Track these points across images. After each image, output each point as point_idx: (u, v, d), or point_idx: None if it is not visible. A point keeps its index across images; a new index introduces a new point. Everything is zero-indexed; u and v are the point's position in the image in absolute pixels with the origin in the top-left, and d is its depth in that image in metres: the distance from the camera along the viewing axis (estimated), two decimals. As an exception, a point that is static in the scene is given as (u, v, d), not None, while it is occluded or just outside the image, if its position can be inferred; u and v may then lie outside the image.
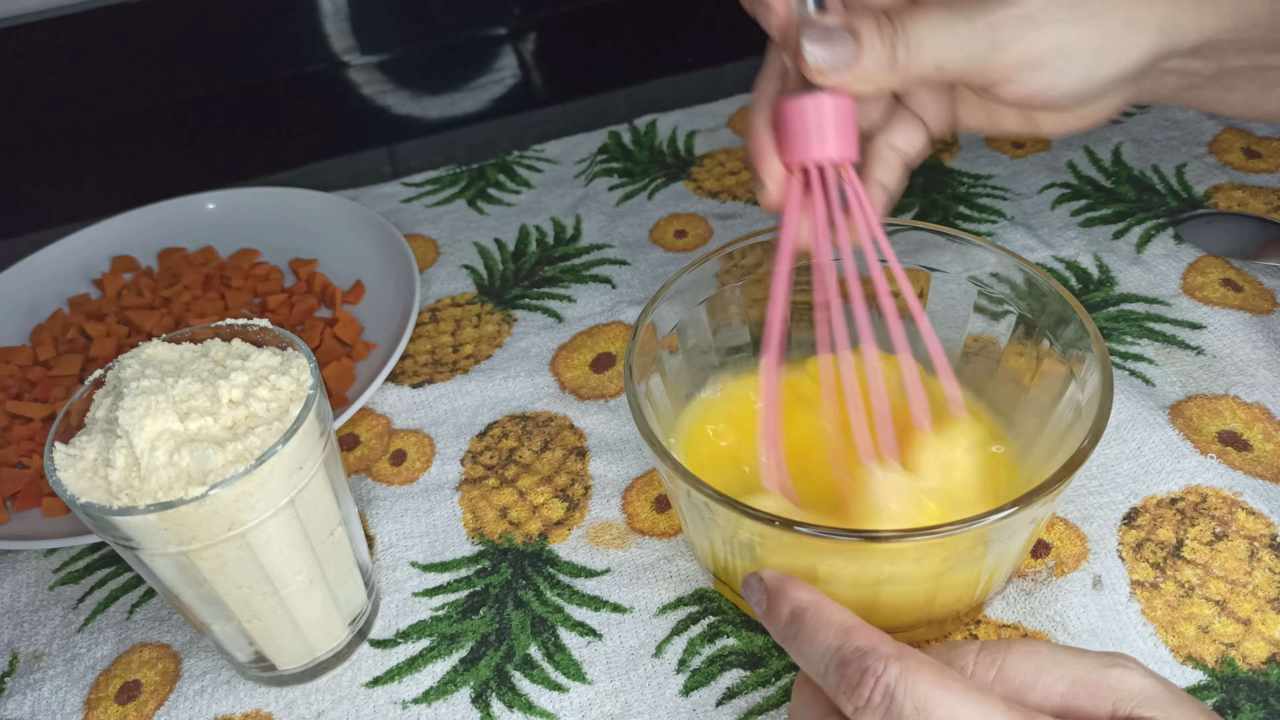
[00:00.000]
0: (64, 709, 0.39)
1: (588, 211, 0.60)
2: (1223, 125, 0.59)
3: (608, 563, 0.41)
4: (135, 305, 0.55)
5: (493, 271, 0.57)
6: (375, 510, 0.45)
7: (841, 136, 0.34)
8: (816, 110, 0.34)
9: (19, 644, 0.42)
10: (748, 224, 0.58)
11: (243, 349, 0.35)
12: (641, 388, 0.37)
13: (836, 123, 0.34)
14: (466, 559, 0.42)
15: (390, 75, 0.78)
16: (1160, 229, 0.53)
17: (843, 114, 0.34)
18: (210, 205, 0.62)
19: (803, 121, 0.34)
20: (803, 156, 0.34)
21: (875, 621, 0.35)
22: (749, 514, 0.31)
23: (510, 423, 0.48)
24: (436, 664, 0.39)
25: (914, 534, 0.31)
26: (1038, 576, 0.38)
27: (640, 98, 0.72)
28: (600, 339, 0.52)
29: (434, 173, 0.66)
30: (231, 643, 0.37)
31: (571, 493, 0.44)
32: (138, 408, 0.31)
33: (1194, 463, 0.41)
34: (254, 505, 0.32)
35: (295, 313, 0.54)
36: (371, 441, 0.48)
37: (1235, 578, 0.38)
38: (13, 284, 0.58)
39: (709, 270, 0.41)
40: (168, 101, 0.73)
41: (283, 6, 0.73)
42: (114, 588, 0.43)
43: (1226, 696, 0.35)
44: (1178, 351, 0.46)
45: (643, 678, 0.37)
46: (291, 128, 0.76)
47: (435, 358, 0.52)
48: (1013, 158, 0.60)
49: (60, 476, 0.32)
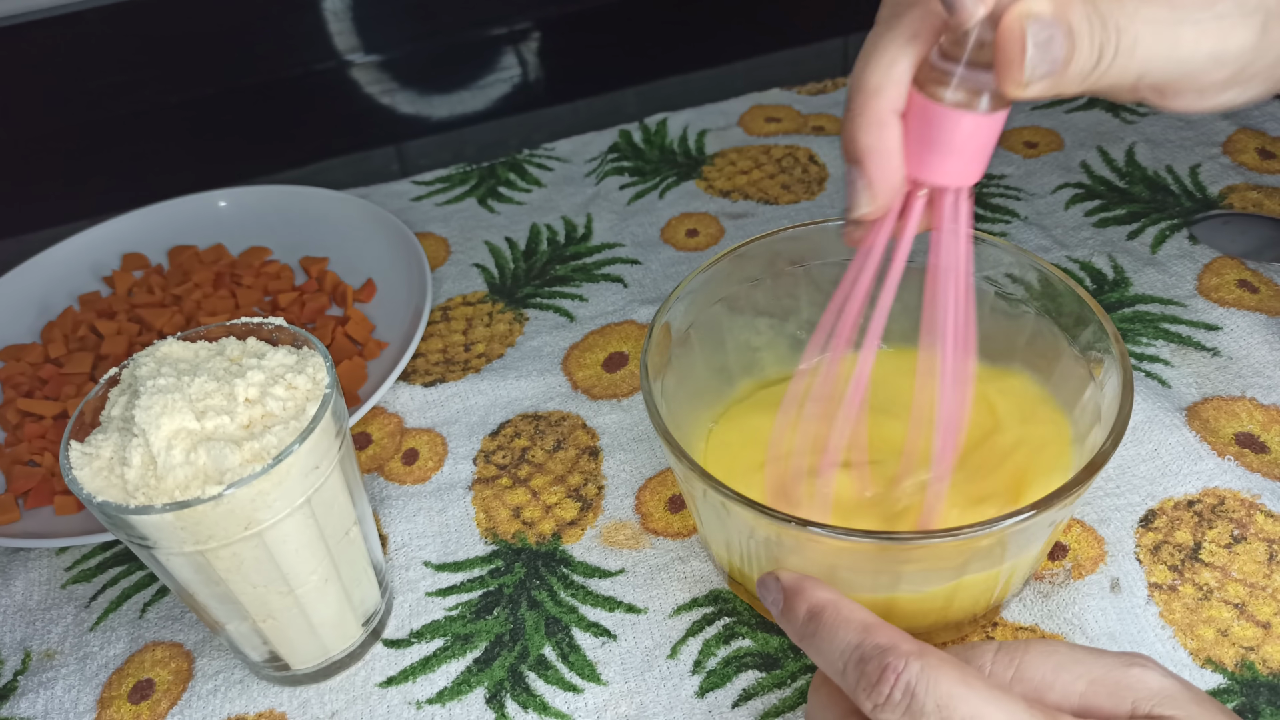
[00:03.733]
0: (77, 708, 0.39)
1: (599, 210, 0.60)
2: (1237, 125, 0.59)
3: (622, 563, 0.41)
4: (146, 303, 0.55)
5: (504, 270, 0.57)
6: (388, 509, 0.44)
7: (987, 158, 0.29)
8: (985, 129, 0.27)
9: (31, 642, 0.42)
10: (760, 223, 0.58)
11: (258, 347, 0.35)
12: (657, 386, 0.37)
13: (990, 143, 0.28)
14: (480, 559, 0.42)
15: (399, 73, 0.77)
16: (1175, 230, 0.53)
17: (998, 131, 0.28)
18: (221, 203, 0.62)
19: (957, 137, 0.27)
20: (941, 178, 0.28)
21: (893, 623, 0.35)
22: (767, 514, 0.31)
23: (523, 422, 0.48)
24: (450, 664, 0.39)
25: (932, 536, 0.30)
26: (1055, 579, 0.38)
27: (651, 96, 0.72)
28: (612, 338, 0.51)
29: (444, 171, 0.65)
30: (246, 642, 0.37)
31: (585, 493, 0.44)
32: (154, 406, 0.31)
33: (1211, 465, 0.41)
34: (271, 504, 0.32)
35: (306, 311, 0.54)
36: (384, 440, 0.48)
37: (1254, 581, 0.37)
38: (23, 281, 0.58)
39: (724, 269, 0.40)
40: (178, 99, 0.73)
41: (293, 4, 0.73)
42: (126, 586, 0.43)
43: (1246, 700, 0.34)
44: (1194, 353, 0.46)
45: (658, 679, 0.37)
46: (301, 126, 0.76)
47: (447, 357, 0.52)
48: (1025, 157, 0.59)
49: (76, 475, 0.32)
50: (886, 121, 0.28)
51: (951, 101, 0.27)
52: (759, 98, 0.68)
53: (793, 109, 0.67)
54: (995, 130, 0.28)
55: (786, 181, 0.60)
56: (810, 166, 0.61)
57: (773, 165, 0.62)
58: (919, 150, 0.28)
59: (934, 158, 0.28)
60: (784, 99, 0.68)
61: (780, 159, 0.62)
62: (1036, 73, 0.26)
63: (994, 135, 0.28)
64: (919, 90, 0.28)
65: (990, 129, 0.28)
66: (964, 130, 0.27)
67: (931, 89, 0.27)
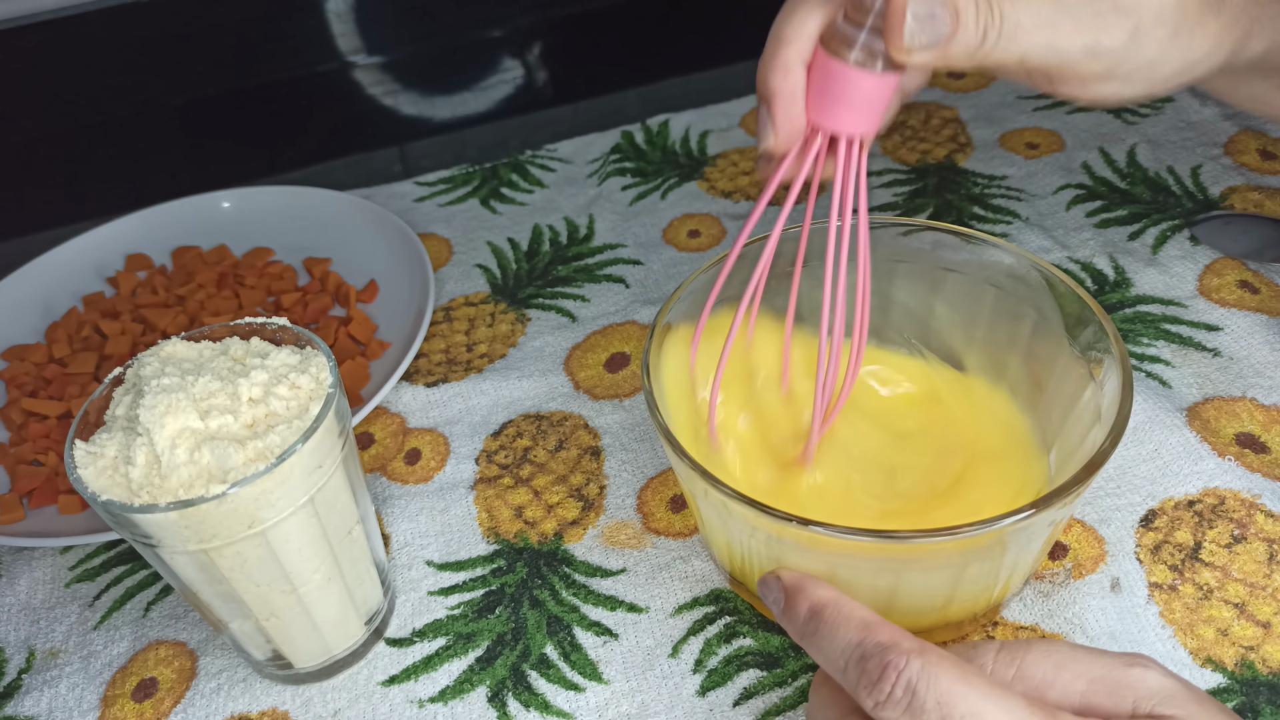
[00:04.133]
0: (80, 706, 0.39)
1: (601, 211, 0.60)
2: (1239, 126, 0.59)
3: (623, 562, 0.41)
4: (150, 303, 0.55)
5: (506, 271, 0.57)
6: (390, 509, 0.45)
7: (881, 114, 0.32)
8: (877, 88, 0.31)
9: (35, 641, 0.42)
10: (761, 224, 0.58)
11: (261, 347, 0.35)
12: (659, 386, 0.37)
13: (883, 101, 0.32)
14: (482, 558, 0.42)
15: (401, 74, 0.78)
16: (1176, 230, 0.53)
17: (891, 92, 0.32)
18: (224, 204, 0.62)
19: (851, 91, 0.31)
20: (835, 125, 0.32)
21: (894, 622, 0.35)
22: (768, 513, 0.31)
23: (525, 422, 0.48)
24: (452, 663, 0.39)
25: (932, 534, 0.31)
26: (1055, 579, 0.38)
27: (652, 97, 0.72)
28: (614, 338, 0.52)
29: (447, 172, 0.66)
30: (249, 641, 0.37)
31: (586, 492, 0.44)
32: (158, 405, 0.31)
33: (1212, 465, 0.41)
34: (274, 503, 0.32)
35: (309, 311, 0.54)
36: (386, 440, 0.48)
37: (1254, 580, 0.37)
38: (28, 282, 0.58)
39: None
40: (181, 100, 0.74)
41: (295, 6, 0.74)
42: (130, 585, 0.43)
43: (1247, 699, 0.34)
44: (1194, 353, 0.46)
45: (659, 678, 0.37)
46: (304, 127, 0.76)
47: (449, 357, 0.52)
48: (1027, 158, 0.60)
49: (81, 474, 0.32)
50: (792, 69, 0.32)
51: (849, 60, 0.31)
52: (760, 99, 0.68)
53: (794, 110, 0.67)
54: (886, 90, 0.32)
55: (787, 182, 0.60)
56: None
57: (774, 166, 0.62)
58: (819, 99, 0.32)
59: (830, 107, 0.32)
60: (786, 100, 0.68)
61: (782, 160, 0.62)
62: (917, 41, 0.30)
63: (885, 94, 0.32)
64: (824, 47, 0.32)
65: (881, 88, 0.32)
66: (857, 85, 0.31)
67: (834, 46, 0.32)
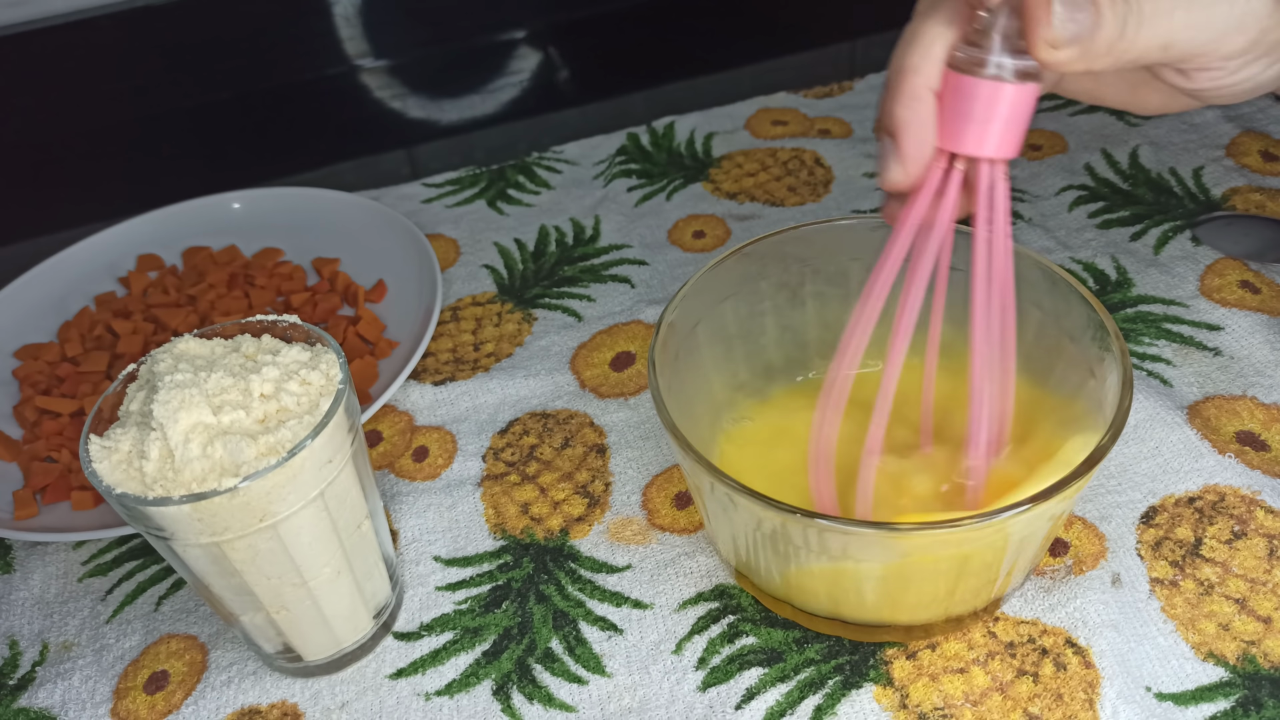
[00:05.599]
0: (93, 698, 0.40)
1: (607, 212, 0.61)
2: (1240, 128, 0.59)
3: (628, 559, 0.42)
4: (161, 303, 0.56)
5: (513, 271, 0.58)
6: (399, 505, 0.45)
7: (1024, 129, 0.29)
8: (1020, 100, 0.29)
9: (49, 634, 0.42)
10: (766, 225, 0.58)
11: (273, 344, 0.36)
12: (665, 382, 0.37)
13: (1027, 114, 0.29)
14: (489, 554, 0.43)
15: (409, 78, 0.78)
16: (1178, 231, 0.53)
17: (1034, 103, 0.29)
18: (235, 205, 0.63)
19: (995, 107, 0.29)
20: (977, 148, 0.29)
21: (896, 616, 0.36)
22: (773, 506, 0.32)
23: (531, 420, 0.48)
24: (459, 657, 0.39)
25: (932, 526, 0.31)
26: (1056, 574, 0.39)
27: (658, 100, 0.73)
28: (620, 338, 0.52)
29: (454, 174, 0.66)
30: (259, 634, 0.37)
31: (592, 489, 0.45)
32: (172, 401, 0.32)
33: (1212, 462, 0.41)
34: (285, 497, 0.32)
35: (319, 311, 0.55)
36: (394, 438, 0.48)
37: (1255, 576, 0.38)
38: (41, 282, 0.59)
39: (730, 267, 0.41)
40: (192, 103, 0.74)
41: (306, 10, 0.74)
42: (141, 580, 0.44)
43: (1249, 693, 0.35)
44: (1195, 353, 0.46)
45: (661, 673, 0.38)
46: (313, 129, 0.77)
47: (457, 356, 0.53)
48: (1029, 159, 0.60)
49: (96, 468, 0.32)
50: (922, 96, 0.30)
51: (982, 74, 0.29)
52: (766, 101, 0.69)
53: (799, 112, 0.67)
54: (1026, 102, 0.29)
55: (793, 184, 0.61)
56: (816, 169, 0.62)
57: (779, 168, 0.62)
58: (952, 122, 0.29)
59: (965, 127, 0.29)
60: (790, 102, 0.68)
61: (786, 161, 0.63)
62: (1065, 31, 0.27)
63: (1025, 107, 0.29)
64: (954, 69, 0.29)
65: (1020, 99, 0.29)
66: (993, 98, 0.29)
67: (964, 66, 0.29)
